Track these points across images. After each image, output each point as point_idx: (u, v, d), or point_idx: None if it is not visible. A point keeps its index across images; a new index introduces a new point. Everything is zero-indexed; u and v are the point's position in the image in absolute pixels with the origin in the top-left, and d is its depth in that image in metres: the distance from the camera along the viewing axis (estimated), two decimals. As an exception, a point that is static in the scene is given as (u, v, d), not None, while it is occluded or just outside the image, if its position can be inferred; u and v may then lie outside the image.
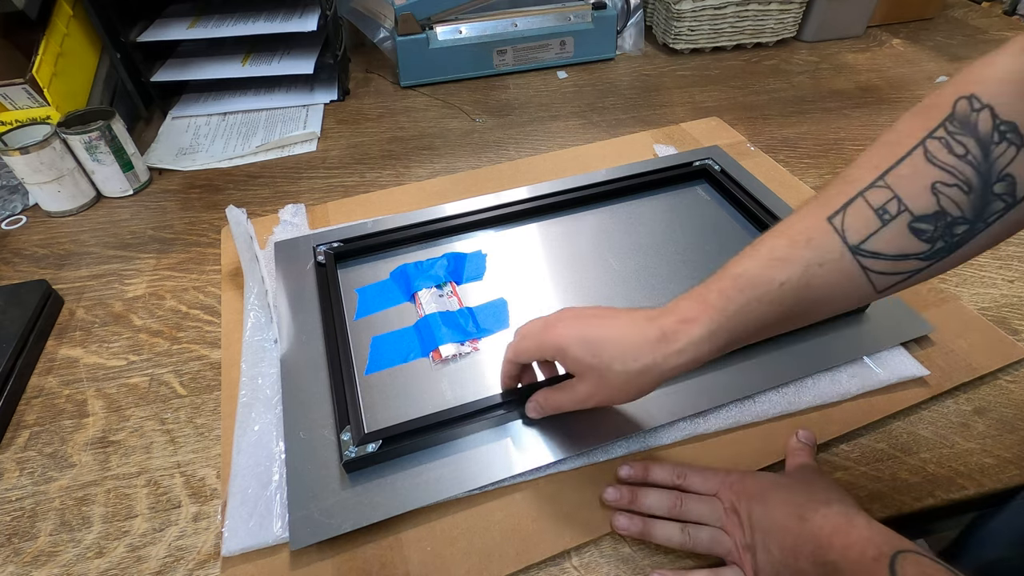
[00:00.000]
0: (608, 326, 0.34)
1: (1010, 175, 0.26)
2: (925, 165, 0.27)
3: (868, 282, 0.29)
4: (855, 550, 0.31)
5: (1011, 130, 0.26)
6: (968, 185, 0.26)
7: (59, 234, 0.65)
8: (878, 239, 0.28)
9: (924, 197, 0.27)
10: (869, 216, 0.28)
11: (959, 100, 0.27)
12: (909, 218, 0.27)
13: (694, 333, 0.31)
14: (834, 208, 0.29)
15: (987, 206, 0.27)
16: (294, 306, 0.52)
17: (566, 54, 0.93)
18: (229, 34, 0.79)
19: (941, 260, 0.28)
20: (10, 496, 0.42)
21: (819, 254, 0.29)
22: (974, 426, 0.44)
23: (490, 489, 0.40)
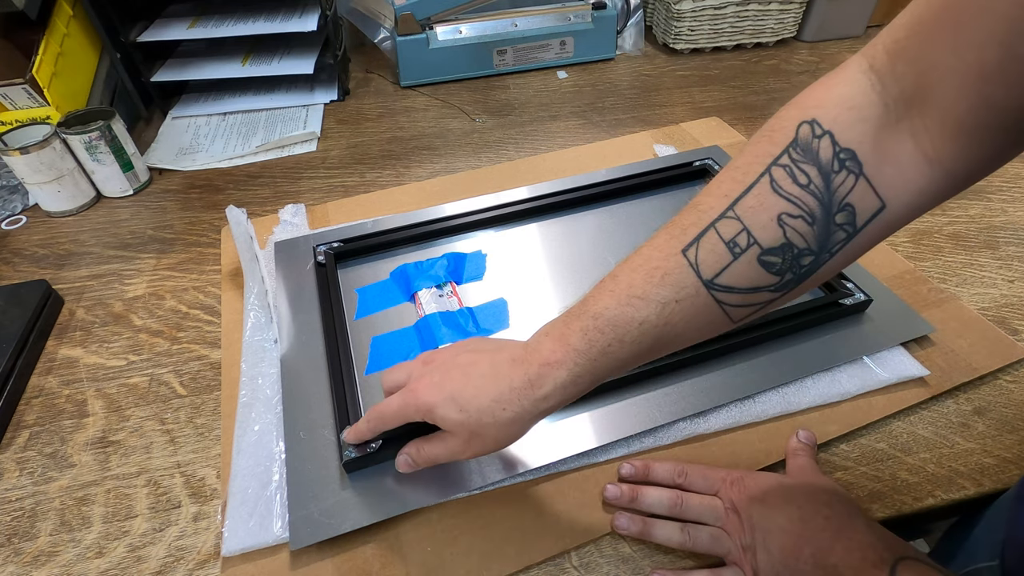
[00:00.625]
0: (472, 380, 0.33)
1: (850, 205, 0.26)
2: (771, 195, 0.27)
3: (724, 314, 0.29)
4: (856, 555, 0.31)
5: (850, 157, 0.25)
6: (812, 216, 0.26)
7: (59, 234, 0.65)
8: (730, 273, 0.28)
9: (771, 229, 0.27)
10: (721, 249, 0.28)
11: (802, 125, 0.27)
12: (759, 251, 0.27)
13: (559, 377, 0.31)
14: (688, 240, 0.29)
15: (830, 236, 0.27)
16: (294, 306, 0.52)
17: (566, 54, 0.93)
18: (229, 34, 0.79)
19: (791, 290, 0.28)
20: (10, 496, 0.42)
21: (675, 290, 0.29)
22: (974, 426, 0.44)
23: (490, 489, 0.40)
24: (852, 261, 0.28)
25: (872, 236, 0.27)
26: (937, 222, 0.61)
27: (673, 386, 0.45)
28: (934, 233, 0.60)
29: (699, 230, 0.28)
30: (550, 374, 0.31)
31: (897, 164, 0.25)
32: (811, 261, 0.27)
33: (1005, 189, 0.65)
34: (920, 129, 0.25)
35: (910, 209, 0.26)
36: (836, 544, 0.32)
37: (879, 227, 0.26)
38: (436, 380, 0.34)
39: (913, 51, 0.24)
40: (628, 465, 0.40)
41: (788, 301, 0.30)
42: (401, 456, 0.37)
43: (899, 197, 0.26)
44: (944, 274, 0.55)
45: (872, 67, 0.26)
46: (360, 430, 0.38)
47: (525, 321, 0.51)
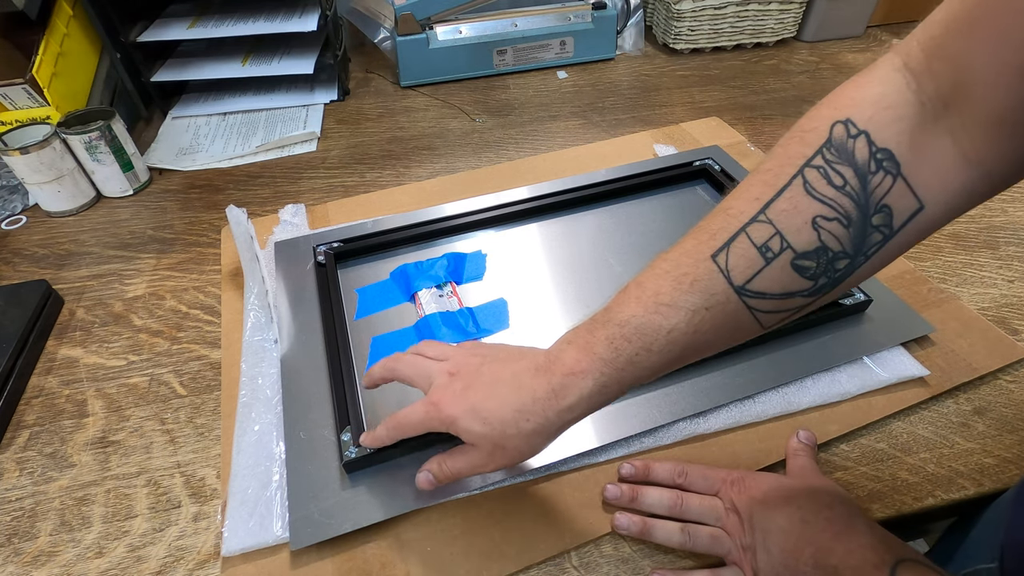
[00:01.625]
0: (495, 391, 0.32)
1: (887, 206, 0.25)
2: (805, 198, 0.26)
3: (755, 320, 0.28)
4: (856, 556, 0.31)
5: (887, 157, 0.25)
6: (848, 218, 0.26)
7: (59, 234, 0.65)
8: (763, 278, 0.27)
9: (805, 232, 0.26)
10: (753, 254, 0.27)
11: (835, 125, 0.26)
12: (792, 255, 0.27)
13: (584, 387, 0.30)
14: (717, 245, 0.28)
15: (866, 239, 0.26)
16: (294, 306, 0.52)
17: (566, 54, 0.93)
18: (229, 34, 0.79)
19: (825, 295, 0.28)
20: (10, 496, 0.42)
21: (705, 297, 0.28)
22: (974, 426, 0.44)
23: (490, 489, 0.40)
24: (887, 264, 0.27)
25: (909, 238, 0.26)
26: (937, 222, 0.61)
27: (673, 386, 0.45)
28: (934, 233, 0.60)
29: (729, 235, 0.28)
30: (575, 384, 0.30)
31: (935, 164, 0.25)
32: (846, 265, 0.26)
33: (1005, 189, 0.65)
34: (958, 128, 0.24)
35: (948, 210, 0.26)
36: (836, 545, 0.32)
37: (916, 229, 0.26)
38: (458, 391, 0.33)
39: (950, 48, 0.24)
40: (628, 465, 0.40)
41: (820, 305, 0.29)
42: (422, 474, 0.36)
43: (937, 197, 0.25)
44: (944, 274, 0.55)
45: (906, 65, 0.25)
46: (379, 436, 0.38)
47: (525, 321, 0.51)
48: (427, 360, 0.37)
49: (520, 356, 0.34)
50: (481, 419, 0.32)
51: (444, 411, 0.33)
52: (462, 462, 0.34)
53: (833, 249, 0.26)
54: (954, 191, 0.25)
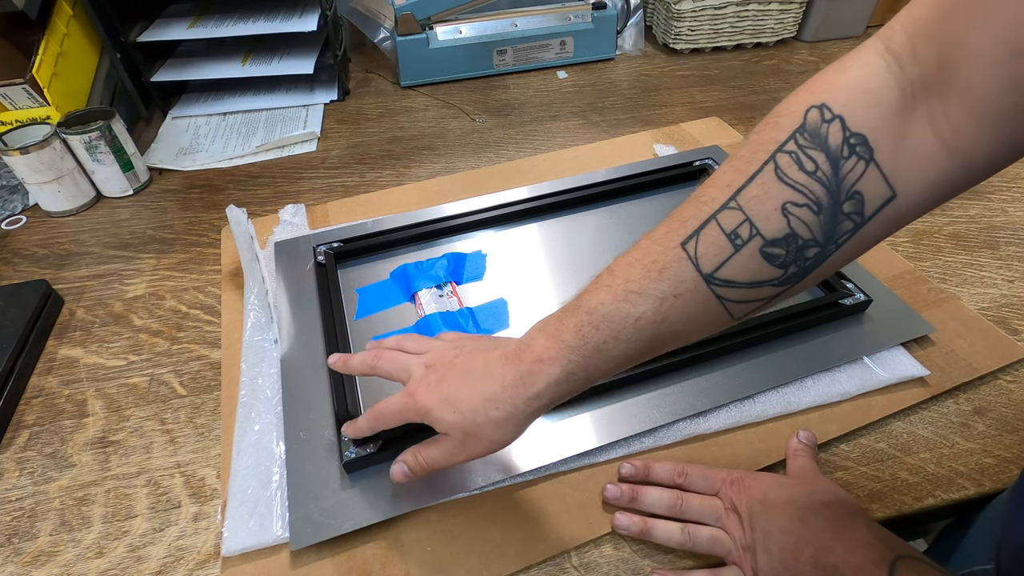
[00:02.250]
0: (466, 380, 0.33)
1: (859, 193, 0.25)
2: (775, 184, 0.25)
3: (724, 310, 0.28)
4: (856, 554, 0.31)
5: (861, 143, 0.24)
6: (818, 205, 0.25)
7: (59, 234, 0.65)
8: (731, 266, 0.27)
9: (775, 219, 0.25)
10: (722, 241, 0.27)
11: (810, 109, 0.25)
12: (761, 243, 0.26)
13: (551, 374, 0.30)
14: (687, 232, 0.27)
15: (836, 227, 0.25)
16: (294, 306, 0.52)
17: (566, 54, 0.92)
18: (229, 34, 0.79)
19: (795, 284, 0.27)
20: (10, 496, 0.42)
21: (673, 285, 0.28)
22: (974, 426, 0.44)
23: (490, 489, 0.40)
24: (858, 255, 0.27)
25: (880, 227, 0.25)
26: (937, 222, 0.61)
27: (673, 386, 0.45)
28: (934, 233, 0.60)
29: (699, 222, 0.27)
30: (542, 371, 0.30)
31: (912, 151, 0.24)
32: (816, 253, 0.26)
33: (1005, 189, 0.65)
34: (939, 114, 0.23)
35: (922, 200, 0.25)
36: (836, 544, 0.32)
37: (888, 218, 0.25)
38: (433, 382, 0.34)
39: (936, 29, 0.23)
40: (628, 465, 0.40)
41: (791, 296, 0.28)
42: (396, 466, 0.36)
43: (911, 186, 0.24)
44: (944, 274, 0.55)
45: (888, 48, 0.25)
46: (360, 427, 0.38)
47: (525, 321, 0.51)
48: (406, 355, 0.37)
49: (493, 346, 0.34)
50: (452, 408, 0.32)
51: (419, 401, 0.33)
52: (436, 451, 0.34)
53: (803, 236, 0.26)
54: (931, 180, 0.24)
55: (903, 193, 0.24)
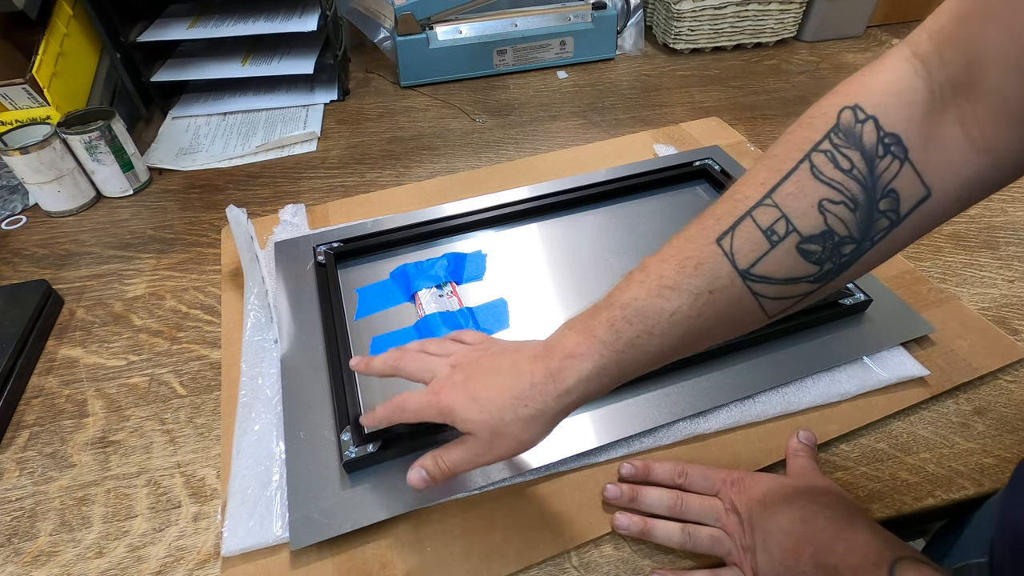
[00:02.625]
0: (493, 379, 0.32)
1: (895, 191, 0.25)
2: (811, 181, 0.26)
3: (759, 306, 0.28)
4: (856, 554, 0.31)
5: (895, 142, 0.25)
6: (854, 202, 0.25)
7: (59, 234, 0.65)
8: (767, 262, 0.27)
9: (811, 216, 0.26)
10: (758, 237, 0.27)
11: (843, 110, 0.26)
12: (798, 239, 0.26)
13: (582, 370, 0.30)
14: (723, 228, 0.28)
15: (872, 224, 0.26)
16: (294, 306, 0.52)
17: (566, 54, 0.92)
18: (229, 34, 0.79)
19: (830, 281, 0.27)
20: (10, 496, 0.42)
21: (709, 280, 0.28)
22: (974, 426, 0.44)
23: (490, 489, 0.40)
24: (893, 254, 0.27)
25: (916, 226, 0.26)
26: (937, 222, 0.61)
27: (673, 386, 0.45)
28: (934, 233, 0.60)
29: (734, 219, 0.28)
30: (573, 366, 0.30)
31: (944, 151, 0.25)
32: (852, 250, 0.26)
33: (1005, 189, 0.65)
34: (968, 115, 0.24)
35: (956, 199, 0.25)
36: (836, 544, 0.32)
37: (923, 216, 0.26)
38: (459, 382, 0.33)
39: (961, 35, 0.24)
40: (628, 465, 0.40)
41: (825, 294, 0.28)
42: (414, 471, 0.34)
43: (945, 185, 0.25)
44: (944, 274, 0.55)
45: (915, 54, 0.25)
46: (377, 416, 0.37)
47: (525, 321, 0.51)
48: (431, 356, 0.37)
49: (520, 347, 0.34)
50: (479, 407, 0.32)
51: (443, 400, 0.33)
52: (459, 453, 0.33)
53: (839, 233, 0.26)
54: (963, 179, 0.25)
55: (937, 192, 0.25)
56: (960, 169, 0.25)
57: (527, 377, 0.31)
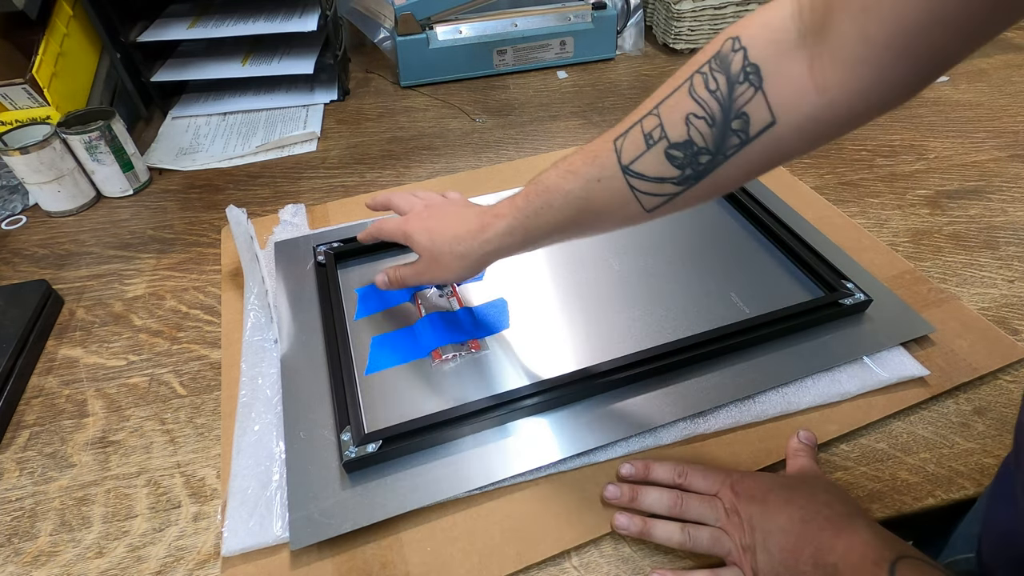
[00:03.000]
0: (446, 219, 0.43)
1: (746, 113, 0.28)
2: (686, 98, 0.30)
3: (636, 200, 0.33)
4: (856, 553, 0.31)
5: (754, 72, 0.28)
6: (713, 119, 0.29)
7: (59, 234, 0.65)
8: (642, 161, 0.32)
9: (679, 126, 0.30)
10: (639, 140, 0.32)
11: (727, 40, 0.29)
12: (666, 144, 0.31)
13: (499, 226, 0.39)
14: (620, 131, 0.33)
15: (725, 140, 0.29)
16: (294, 306, 0.52)
17: (566, 54, 0.93)
18: (229, 34, 0.79)
19: (692, 186, 0.31)
20: (10, 496, 0.42)
21: (599, 170, 0.34)
22: (974, 426, 0.44)
23: (490, 489, 0.40)
24: (748, 175, 0.31)
25: (764, 150, 0.29)
26: (937, 222, 0.61)
27: (673, 386, 0.45)
28: (934, 233, 0.60)
29: (630, 124, 0.33)
30: (494, 223, 0.40)
31: (791, 86, 0.27)
32: (708, 161, 0.30)
33: (1005, 189, 0.65)
34: (816, 57, 0.27)
35: (798, 132, 0.28)
36: (836, 543, 0.32)
37: (770, 141, 0.29)
38: (423, 216, 0.45)
39: None
40: (628, 465, 0.40)
41: (695, 199, 0.32)
42: (379, 275, 0.48)
43: (788, 116, 0.28)
44: (944, 274, 0.55)
45: None
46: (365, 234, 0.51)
47: (525, 321, 0.51)
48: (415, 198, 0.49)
49: (475, 206, 0.44)
50: (428, 236, 0.43)
51: (408, 225, 0.45)
52: (408, 270, 0.46)
53: (698, 144, 0.30)
54: (803, 113, 0.28)
55: (781, 121, 0.28)
56: (802, 105, 0.27)
57: (465, 224, 0.41)
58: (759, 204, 0.59)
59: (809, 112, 0.27)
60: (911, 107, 0.80)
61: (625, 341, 0.49)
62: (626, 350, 0.46)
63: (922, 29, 0.23)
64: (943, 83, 0.85)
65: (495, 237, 0.40)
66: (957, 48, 0.24)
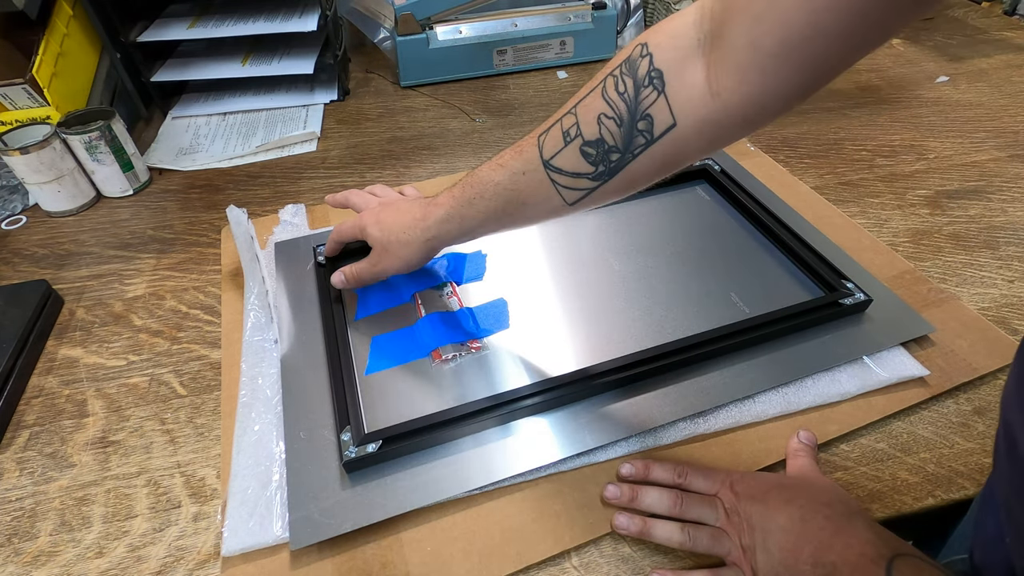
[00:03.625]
0: (396, 212, 0.46)
1: (650, 115, 0.31)
2: (599, 99, 0.32)
3: (558, 193, 0.36)
4: (854, 551, 0.31)
5: (658, 76, 0.30)
6: (620, 119, 0.31)
7: (59, 234, 0.65)
8: (561, 156, 0.34)
9: (592, 125, 0.32)
10: (559, 137, 0.34)
11: (637, 46, 0.31)
12: (581, 142, 0.33)
13: (439, 214, 0.42)
14: (544, 128, 0.36)
15: (632, 140, 0.32)
16: (294, 306, 0.52)
17: (566, 54, 0.93)
18: (229, 34, 0.79)
19: (606, 182, 0.34)
20: (10, 496, 0.42)
21: (524, 164, 0.36)
22: (974, 426, 0.44)
23: (490, 489, 0.40)
24: (658, 172, 0.33)
25: (667, 150, 0.31)
26: (937, 222, 0.61)
27: (673, 386, 0.45)
28: (934, 233, 0.60)
29: (553, 122, 0.35)
30: (434, 211, 0.43)
31: (689, 90, 0.29)
32: (618, 159, 0.33)
33: (1005, 189, 0.65)
34: (712, 63, 0.29)
35: (697, 134, 0.30)
36: (835, 541, 0.32)
37: (672, 142, 0.31)
38: (376, 213, 0.47)
39: None
40: (628, 465, 0.40)
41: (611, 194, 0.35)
42: (337, 275, 0.50)
43: (687, 119, 0.30)
44: (944, 274, 0.55)
45: (703, 5, 0.30)
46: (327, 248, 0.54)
47: (525, 321, 0.51)
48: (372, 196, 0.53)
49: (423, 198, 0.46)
50: (380, 229, 0.46)
51: (362, 220, 0.48)
52: (362, 264, 0.48)
53: (608, 142, 0.32)
54: (700, 117, 0.30)
55: (680, 123, 0.30)
56: (698, 108, 0.29)
57: (411, 214, 0.44)
58: (759, 204, 0.59)
59: (706, 115, 0.29)
60: (911, 107, 0.80)
61: (625, 341, 0.49)
62: (626, 350, 0.46)
63: (805, 39, 0.25)
64: (943, 83, 0.85)
65: (434, 224, 0.42)
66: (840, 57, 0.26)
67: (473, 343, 0.49)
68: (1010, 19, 1.04)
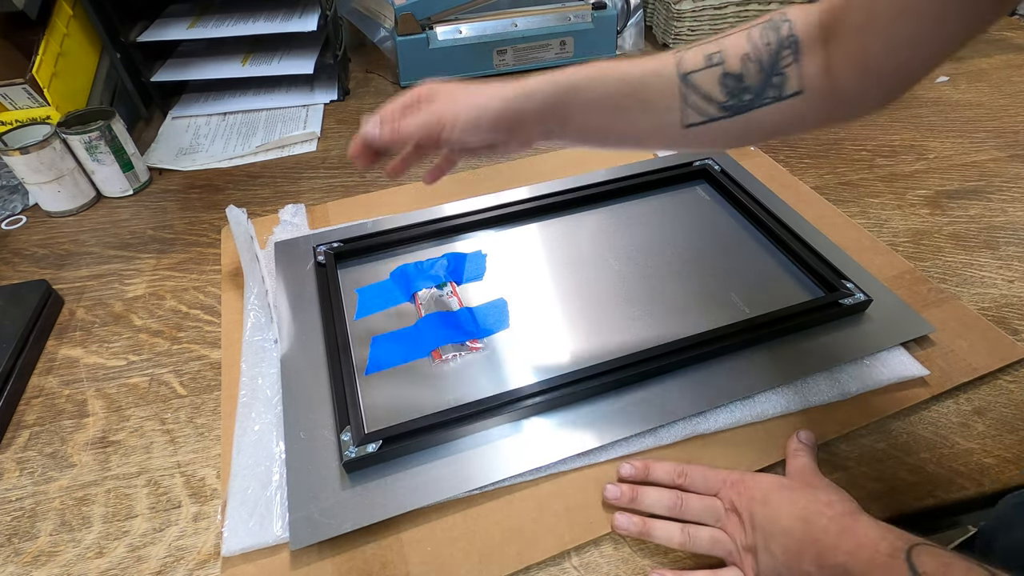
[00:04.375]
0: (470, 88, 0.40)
1: (784, 73, 0.34)
2: (745, 40, 0.35)
3: (680, 108, 0.36)
4: (866, 549, 0.31)
5: (795, 42, 0.34)
6: (762, 65, 0.34)
7: (59, 234, 0.65)
8: (699, 76, 0.36)
9: (736, 60, 0.35)
10: (700, 58, 0.36)
11: (776, 12, 0.35)
12: (722, 70, 0.35)
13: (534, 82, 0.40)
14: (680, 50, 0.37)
15: (766, 88, 0.34)
16: (294, 306, 0.52)
17: (566, 54, 0.92)
18: (229, 34, 0.79)
19: (729, 117, 0.36)
20: (10, 496, 0.42)
21: (659, 66, 0.37)
22: (974, 426, 0.44)
23: (490, 489, 0.40)
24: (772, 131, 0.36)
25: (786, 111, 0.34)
26: (937, 222, 0.61)
27: (673, 386, 0.45)
28: (934, 233, 0.60)
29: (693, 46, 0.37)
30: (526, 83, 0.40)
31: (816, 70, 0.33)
32: (749, 100, 0.35)
33: (1005, 189, 0.65)
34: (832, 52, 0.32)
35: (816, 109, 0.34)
36: (841, 543, 0.32)
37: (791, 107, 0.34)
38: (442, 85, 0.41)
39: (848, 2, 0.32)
40: (628, 465, 0.40)
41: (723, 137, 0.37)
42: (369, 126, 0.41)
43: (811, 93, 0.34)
44: (944, 274, 0.55)
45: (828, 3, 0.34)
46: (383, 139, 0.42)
47: (525, 321, 0.51)
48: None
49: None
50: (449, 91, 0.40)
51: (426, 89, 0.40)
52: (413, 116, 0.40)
53: (746, 81, 0.35)
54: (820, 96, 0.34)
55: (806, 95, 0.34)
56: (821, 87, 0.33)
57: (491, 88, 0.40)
58: (760, 204, 0.59)
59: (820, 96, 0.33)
60: (911, 107, 0.80)
61: (625, 341, 0.49)
62: (626, 350, 0.46)
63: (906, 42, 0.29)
64: (943, 83, 0.85)
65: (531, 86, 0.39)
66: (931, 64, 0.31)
67: (473, 343, 0.49)
68: (1010, 19, 1.04)
